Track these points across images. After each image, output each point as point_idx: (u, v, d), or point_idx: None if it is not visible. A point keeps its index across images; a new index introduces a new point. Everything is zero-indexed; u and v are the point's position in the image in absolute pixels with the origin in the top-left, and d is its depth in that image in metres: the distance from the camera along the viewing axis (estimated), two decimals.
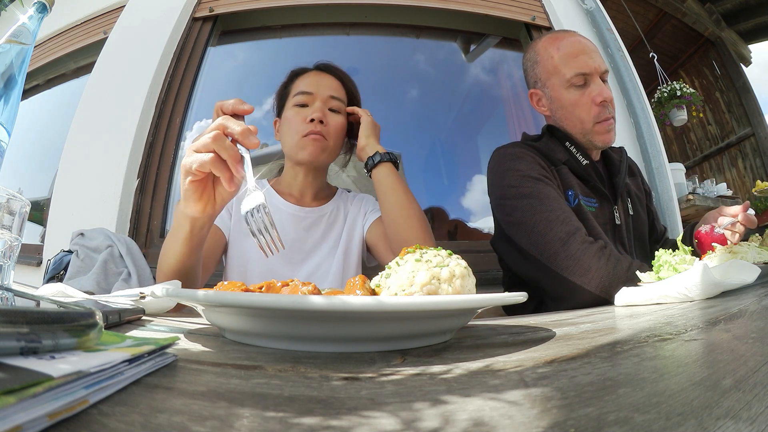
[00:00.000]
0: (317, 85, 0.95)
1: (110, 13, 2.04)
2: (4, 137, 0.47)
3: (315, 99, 0.93)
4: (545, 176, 0.87)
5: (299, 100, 0.94)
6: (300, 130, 0.91)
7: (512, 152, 0.92)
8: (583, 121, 0.93)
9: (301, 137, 0.91)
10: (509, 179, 0.87)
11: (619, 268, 0.72)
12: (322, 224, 0.98)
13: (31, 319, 0.18)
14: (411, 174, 2.01)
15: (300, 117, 0.92)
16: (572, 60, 0.94)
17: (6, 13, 2.09)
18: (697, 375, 0.22)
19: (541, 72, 0.99)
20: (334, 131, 0.93)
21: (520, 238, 0.83)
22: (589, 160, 0.94)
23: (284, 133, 0.96)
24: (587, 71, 0.92)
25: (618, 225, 0.94)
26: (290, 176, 1.00)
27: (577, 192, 0.90)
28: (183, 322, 0.46)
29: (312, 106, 0.92)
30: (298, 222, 0.96)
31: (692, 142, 4.35)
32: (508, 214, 0.86)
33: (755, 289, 0.58)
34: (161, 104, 1.72)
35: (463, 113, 2.28)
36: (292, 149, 0.94)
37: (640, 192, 1.06)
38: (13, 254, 0.45)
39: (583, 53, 0.94)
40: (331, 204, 1.01)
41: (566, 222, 0.78)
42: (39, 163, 2.11)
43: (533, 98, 1.02)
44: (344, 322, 0.31)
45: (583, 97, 0.93)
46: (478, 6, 1.98)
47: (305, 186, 0.99)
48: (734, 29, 3.90)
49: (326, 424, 0.17)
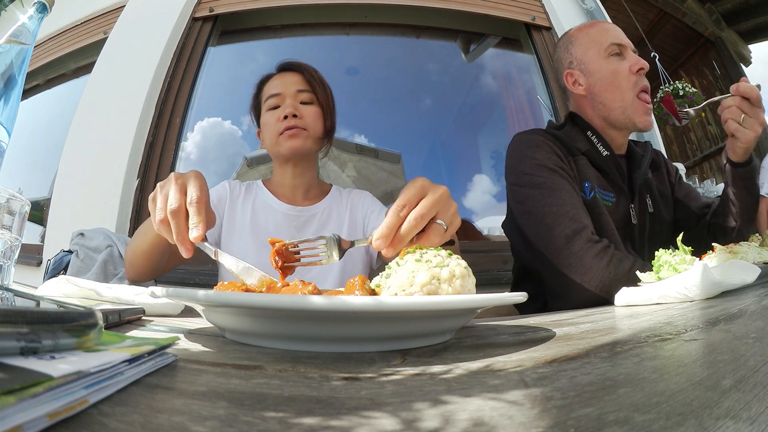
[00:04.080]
0: (283, 84, 0.98)
1: (110, 13, 2.04)
2: (4, 137, 0.47)
3: (284, 98, 0.97)
4: (561, 167, 0.86)
5: (271, 103, 0.98)
6: (277, 129, 0.95)
7: (531, 139, 0.91)
8: (623, 90, 0.92)
9: (278, 136, 0.94)
10: (525, 166, 0.87)
11: (620, 270, 0.72)
12: (314, 223, 0.98)
13: (31, 319, 0.18)
14: (411, 174, 2.01)
15: (274, 118, 0.96)
16: (606, 33, 0.97)
17: (6, 13, 2.09)
18: (697, 375, 0.22)
19: (576, 49, 1.00)
20: (311, 120, 0.96)
21: (528, 227, 0.83)
22: (609, 151, 0.93)
23: (265, 137, 0.99)
24: (622, 42, 0.95)
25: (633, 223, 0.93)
26: (279, 175, 1.02)
27: (594, 184, 0.89)
28: (183, 322, 0.45)
29: (283, 105, 0.96)
30: (290, 221, 0.97)
31: (692, 142, 4.35)
32: (520, 201, 0.86)
33: (755, 289, 0.58)
34: (161, 104, 1.72)
35: (463, 113, 2.28)
36: (273, 149, 0.97)
37: (664, 186, 1.04)
38: (13, 254, 0.45)
39: (615, 29, 0.98)
40: (323, 203, 1.02)
41: (574, 219, 0.78)
42: (39, 163, 2.11)
43: (569, 79, 1.01)
44: (344, 322, 0.31)
45: (622, 64, 0.94)
46: (478, 6, 1.98)
47: (295, 182, 1.00)
48: (734, 29, 3.89)
49: (326, 424, 0.17)
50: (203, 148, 1.94)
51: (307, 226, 0.97)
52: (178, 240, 0.51)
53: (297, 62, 1.03)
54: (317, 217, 0.99)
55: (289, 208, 0.98)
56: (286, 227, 0.96)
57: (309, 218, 0.98)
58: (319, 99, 0.99)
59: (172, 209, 0.51)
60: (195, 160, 1.90)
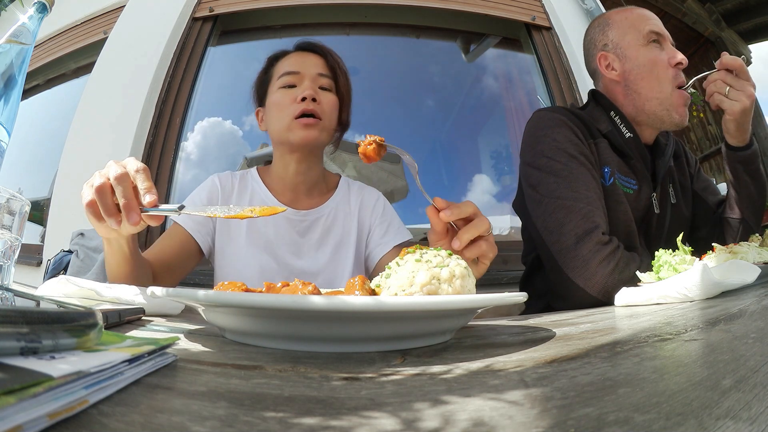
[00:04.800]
0: (303, 64, 0.87)
1: (110, 13, 2.04)
2: (4, 137, 0.47)
3: (303, 78, 0.85)
4: (581, 152, 0.81)
5: (286, 81, 0.86)
6: (291, 111, 0.83)
7: (552, 117, 0.86)
8: (661, 81, 0.87)
9: (292, 119, 0.82)
10: (543, 147, 0.82)
11: (624, 275, 0.70)
12: (318, 227, 0.89)
13: (31, 319, 0.18)
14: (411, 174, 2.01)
15: (289, 98, 0.84)
16: (647, 20, 0.93)
17: (6, 13, 2.09)
18: (697, 375, 0.22)
19: (614, 33, 0.94)
20: (328, 109, 0.86)
21: (537, 215, 0.79)
22: (633, 133, 0.88)
23: (272, 118, 0.86)
24: (661, 32, 0.91)
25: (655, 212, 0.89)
26: (280, 167, 0.89)
27: (614, 170, 0.85)
28: (183, 322, 0.45)
29: (301, 86, 0.85)
30: (291, 226, 0.88)
31: (692, 142, 4.34)
32: (533, 186, 0.81)
33: (755, 289, 0.58)
34: (161, 104, 1.72)
35: (463, 113, 2.28)
36: (282, 133, 0.84)
37: (684, 178, 1.00)
38: (13, 254, 0.45)
39: (655, 18, 0.93)
40: (329, 204, 0.91)
41: (587, 217, 0.74)
42: (39, 163, 2.11)
43: (602, 62, 0.95)
44: (344, 322, 0.31)
45: (662, 54, 0.89)
46: (478, 6, 1.98)
47: (298, 177, 0.88)
48: (734, 29, 3.89)
49: (326, 424, 0.17)
50: (203, 148, 1.94)
51: (311, 231, 0.89)
52: (126, 207, 0.48)
53: (320, 44, 0.93)
54: (322, 221, 0.89)
55: (290, 212, 0.88)
56: (287, 232, 0.87)
57: (313, 222, 0.89)
58: (340, 87, 0.89)
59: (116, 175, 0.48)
60: (195, 160, 1.90)
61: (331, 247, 0.89)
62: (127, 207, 0.48)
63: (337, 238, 0.90)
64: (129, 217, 0.48)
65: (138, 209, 0.48)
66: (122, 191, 0.48)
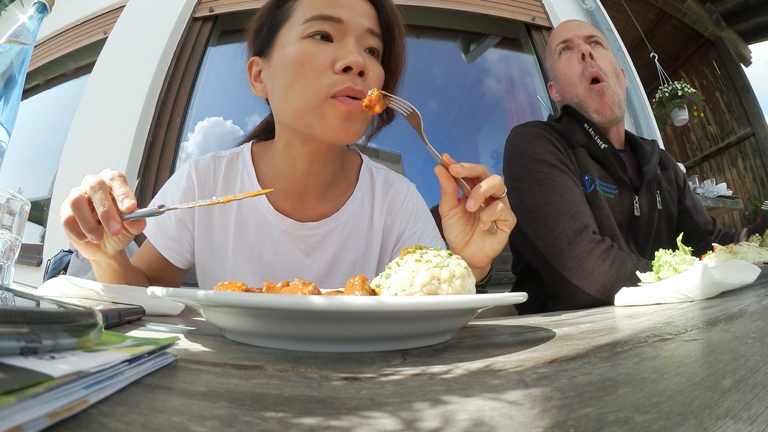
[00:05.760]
0: (350, 8, 0.56)
1: (110, 13, 2.04)
2: (4, 137, 0.47)
3: (346, 31, 0.56)
4: (562, 161, 0.85)
5: (318, 28, 0.55)
6: (326, 83, 0.54)
7: (530, 131, 0.91)
8: (574, 85, 0.94)
9: (327, 96, 0.54)
10: (524, 160, 0.85)
11: (622, 272, 0.70)
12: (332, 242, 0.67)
13: (31, 319, 0.18)
14: (411, 174, 2.01)
15: (322, 58, 0.54)
16: (554, 37, 1.01)
17: (6, 13, 2.09)
18: (697, 375, 0.22)
19: (548, 60, 1.03)
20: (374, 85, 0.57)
21: (527, 226, 0.81)
22: (607, 144, 0.92)
23: (286, 83, 0.56)
24: (567, 37, 0.97)
25: (637, 216, 0.91)
26: (285, 161, 0.63)
27: (594, 177, 0.88)
28: (183, 322, 0.45)
29: (341, 43, 0.55)
30: (295, 243, 0.66)
31: (692, 142, 4.35)
32: (519, 198, 0.84)
33: (755, 289, 0.58)
34: (161, 104, 1.72)
35: (463, 113, 2.28)
36: (303, 115, 0.55)
37: (672, 187, 1.03)
38: (13, 254, 0.45)
39: (566, 26, 1.00)
40: (347, 209, 0.68)
41: (575, 217, 0.76)
42: (39, 163, 2.11)
43: (551, 90, 1.04)
44: (344, 322, 0.31)
45: (565, 59, 0.96)
46: (478, 6, 1.99)
47: (309, 178, 0.64)
48: (734, 29, 3.90)
49: (326, 424, 0.17)
50: (204, 148, 1.94)
51: (321, 249, 0.67)
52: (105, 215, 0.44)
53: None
54: (336, 234, 0.67)
55: (292, 225, 0.65)
56: (289, 251, 0.66)
57: (324, 237, 0.67)
58: (393, 55, 0.62)
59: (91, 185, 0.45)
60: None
61: (345, 268, 0.67)
62: (106, 215, 0.44)
63: (354, 256, 0.68)
64: (109, 226, 0.44)
65: (117, 216, 0.44)
66: (99, 199, 0.44)
